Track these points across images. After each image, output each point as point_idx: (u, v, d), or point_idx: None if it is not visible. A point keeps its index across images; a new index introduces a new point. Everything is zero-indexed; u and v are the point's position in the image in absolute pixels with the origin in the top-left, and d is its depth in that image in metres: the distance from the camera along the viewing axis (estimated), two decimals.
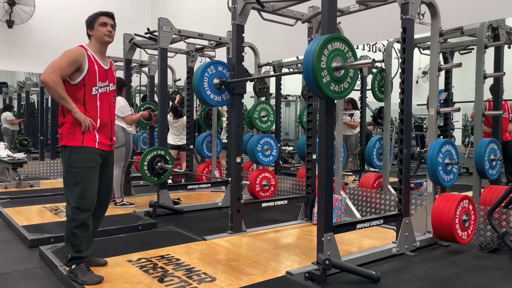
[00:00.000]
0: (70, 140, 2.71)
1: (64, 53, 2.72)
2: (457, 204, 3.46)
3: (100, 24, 2.88)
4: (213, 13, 7.86)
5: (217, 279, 2.73)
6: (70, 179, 2.72)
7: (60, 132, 2.76)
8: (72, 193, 2.70)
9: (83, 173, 2.71)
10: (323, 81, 2.71)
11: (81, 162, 2.71)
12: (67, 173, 2.73)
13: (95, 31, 2.88)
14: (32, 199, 5.45)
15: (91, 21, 2.91)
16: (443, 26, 3.78)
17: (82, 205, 2.70)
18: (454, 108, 4.03)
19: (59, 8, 9.06)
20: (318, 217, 2.96)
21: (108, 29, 2.88)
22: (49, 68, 2.64)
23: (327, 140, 2.90)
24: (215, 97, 3.88)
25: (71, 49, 2.76)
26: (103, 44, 2.90)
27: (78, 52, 2.75)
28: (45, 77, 2.62)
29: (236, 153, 3.88)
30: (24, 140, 9.26)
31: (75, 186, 2.70)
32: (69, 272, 2.72)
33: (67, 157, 2.72)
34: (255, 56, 6.03)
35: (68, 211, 2.72)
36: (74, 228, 2.70)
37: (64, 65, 2.67)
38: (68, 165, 2.71)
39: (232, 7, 3.85)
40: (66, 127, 2.72)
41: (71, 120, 2.70)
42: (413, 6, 3.44)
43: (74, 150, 2.70)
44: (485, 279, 2.95)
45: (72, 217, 2.69)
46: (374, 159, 5.21)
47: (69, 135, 2.71)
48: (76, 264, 2.71)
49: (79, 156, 2.71)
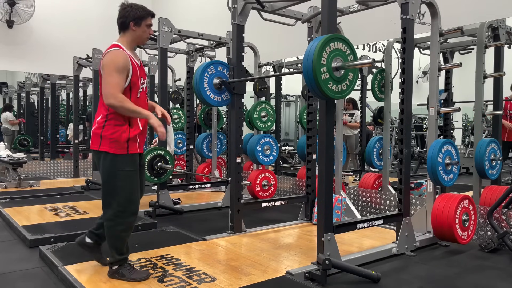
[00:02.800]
0: (114, 148, 2.60)
1: (108, 66, 2.54)
2: (457, 204, 3.46)
3: (147, 25, 2.72)
4: (213, 13, 7.86)
5: (217, 279, 2.73)
6: (115, 183, 2.62)
7: (99, 134, 2.63)
8: (116, 197, 2.63)
9: (130, 177, 2.65)
10: (323, 81, 2.71)
11: (127, 166, 2.63)
12: (111, 177, 2.62)
13: (140, 29, 2.69)
14: (32, 199, 5.45)
15: (140, 17, 2.68)
16: (443, 26, 3.78)
17: (130, 209, 2.67)
18: (454, 108, 4.03)
19: (59, 8, 9.06)
20: (318, 217, 2.96)
21: (151, 32, 2.77)
22: (109, 89, 2.52)
23: (327, 140, 2.90)
24: (215, 97, 3.88)
25: (115, 56, 2.57)
26: (138, 43, 2.77)
27: (123, 57, 2.58)
28: (110, 100, 2.51)
29: (236, 153, 3.88)
30: (24, 140, 9.27)
31: (121, 190, 2.62)
32: (113, 273, 2.70)
33: (110, 162, 2.61)
34: (255, 56, 6.03)
35: (110, 215, 2.65)
36: (121, 232, 2.67)
37: (119, 79, 2.54)
38: (113, 169, 2.61)
39: (232, 7, 3.85)
40: (109, 132, 2.60)
41: (117, 127, 2.60)
42: (413, 6, 3.44)
43: (118, 155, 2.61)
44: (485, 279, 2.95)
45: (118, 221, 2.65)
46: (374, 159, 5.21)
47: (114, 143, 2.59)
48: (119, 265, 2.70)
49: (125, 160, 2.63)
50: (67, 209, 4.88)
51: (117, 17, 2.72)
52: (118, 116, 2.61)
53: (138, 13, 2.67)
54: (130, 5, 2.69)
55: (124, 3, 2.73)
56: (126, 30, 2.69)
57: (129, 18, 2.66)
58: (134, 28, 2.68)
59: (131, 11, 2.66)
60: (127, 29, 2.68)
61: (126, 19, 2.66)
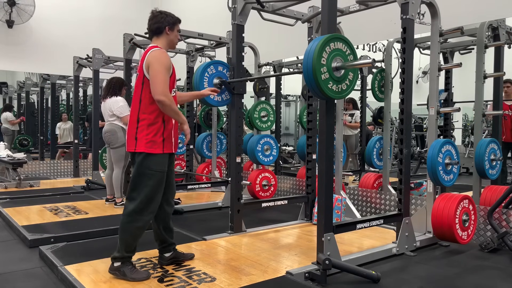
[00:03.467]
0: (151, 148, 2.71)
1: (158, 63, 2.67)
2: (457, 204, 3.46)
3: (178, 30, 2.92)
4: (213, 13, 7.86)
5: (217, 279, 2.73)
6: (142, 181, 2.71)
7: (134, 136, 2.73)
8: (141, 194, 2.70)
9: (158, 177, 2.74)
10: (323, 81, 2.71)
11: (157, 166, 2.73)
12: (141, 175, 2.71)
13: (173, 34, 2.88)
14: (32, 199, 5.45)
15: (174, 23, 2.88)
16: (443, 26, 3.78)
17: (149, 208, 2.73)
18: (454, 108, 4.03)
19: (59, 8, 9.06)
20: (318, 217, 2.96)
21: (179, 37, 2.95)
22: (160, 86, 2.63)
23: (327, 140, 2.90)
24: (215, 97, 3.88)
25: (161, 55, 2.71)
26: (171, 47, 2.93)
27: (168, 57, 2.75)
28: (161, 97, 2.62)
29: (236, 153, 3.88)
30: (24, 140, 9.27)
31: (146, 188, 2.70)
32: (115, 269, 2.72)
33: (142, 160, 2.71)
34: (255, 56, 6.03)
35: (130, 210, 2.71)
36: (136, 229, 2.72)
37: (167, 78, 2.69)
38: (144, 167, 2.70)
39: (232, 7, 3.85)
40: (144, 133, 2.70)
41: (151, 127, 2.71)
42: (413, 6, 3.44)
43: (153, 155, 2.72)
44: (485, 279, 2.95)
45: (136, 218, 2.70)
46: (374, 159, 5.21)
47: (150, 143, 2.70)
48: (122, 262, 2.72)
49: (157, 160, 2.73)
50: (67, 209, 4.88)
51: (149, 24, 2.88)
52: (152, 117, 2.71)
53: (171, 19, 2.87)
54: (161, 12, 2.88)
55: (154, 10, 2.91)
56: (160, 35, 2.86)
57: (164, 23, 2.84)
58: (168, 33, 2.86)
59: (166, 17, 2.85)
60: (161, 34, 2.85)
61: (161, 24, 2.84)
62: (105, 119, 5.11)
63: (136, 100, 2.78)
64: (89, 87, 10.27)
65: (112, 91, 5.06)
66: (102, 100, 5.16)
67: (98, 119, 6.67)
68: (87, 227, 4.00)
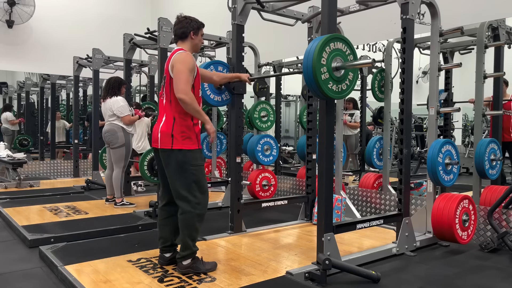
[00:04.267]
0: (187, 144, 2.79)
1: (182, 63, 2.76)
2: (457, 204, 3.46)
3: (202, 34, 3.02)
4: (213, 13, 7.86)
5: (217, 279, 2.73)
6: (189, 177, 2.79)
7: (169, 134, 2.78)
8: (192, 190, 2.79)
9: (201, 170, 2.85)
10: (323, 81, 2.71)
11: (198, 160, 2.84)
12: (186, 171, 2.78)
13: (197, 38, 2.97)
14: (32, 199, 5.45)
15: (198, 27, 2.98)
16: (443, 26, 3.78)
17: (204, 200, 2.86)
18: (454, 108, 4.03)
19: (59, 8, 9.07)
20: (318, 217, 2.96)
21: (203, 41, 3.07)
22: (182, 85, 2.73)
23: (327, 140, 2.90)
24: (215, 97, 3.88)
25: (185, 56, 2.80)
26: (195, 51, 3.02)
27: (193, 59, 2.83)
28: (182, 95, 2.72)
29: (236, 153, 3.88)
30: (24, 140, 9.26)
31: (195, 184, 2.80)
32: (187, 267, 2.79)
33: (183, 157, 2.77)
34: (255, 56, 6.03)
35: (187, 208, 2.78)
36: (197, 222, 2.82)
37: (190, 77, 2.78)
38: (186, 164, 2.78)
39: (232, 7, 3.85)
40: (180, 130, 2.78)
41: (186, 125, 2.80)
42: (413, 6, 3.44)
43: (190, 152, 2.80)
44: (485, 279, 2.95)
45: (196, 213, 2.80)
46: (374, 159, 5.21)
47: (186, 139, 2.79)
48: (192, 258, 2.82)
49: (196, 155, 2.83)
50: (67, 209, 4.88)
51: (175, 28, 2.99)
52: (185, 116, 2.80)
53: (196, 24, 2.97)
54: (186, 17, 2.98)
55: (179, 15, 3.01)
56: (185, 39, 2.95)
57: (189, 28, 2.94)
58: (193, 37, 2.96)
59: (191, 22, 2.95)
60: (186, 38, 2.95)
61: (186, 29, 2.93)
62: (105, 119, 5.11)
63: (167, 101, 2.85)
64: (89, 87, 10.26)
65: (112, 91, 5.06)
66: (102, 100, 5.16)
67: (98, 119, 6.67)
68: (87, 227, 4.00)
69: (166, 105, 2.87)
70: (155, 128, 2.89)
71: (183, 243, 2.82)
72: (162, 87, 2.96)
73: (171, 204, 2.94)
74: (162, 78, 2.94)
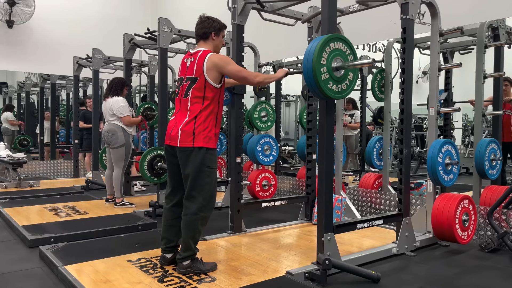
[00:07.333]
0: (207, 143, 2.80)
1: (228, 63, 2.87)
2: (457, 204, 3.46)
3: (224, 35, 3.06)
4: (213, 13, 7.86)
5: (217, 279, 2.73)
6: (203, 178, 2.79)
7: (191, 132, 2.77)
8: (202, 192, 2.79)
9: (214, 173, 2.85)
10: (323, 81, 2.71)
11: (213, 163, 2.84)
12: (201, 172, 2.78)
13: (219, 39, 3.01)
14: (32, 199, 5.45)
15: (219, 29, 3.01)
16: (443, 26, 3.78)
17: (211, 204, 2.86)
18: (454, 108, 4.03)
19: (59, 8, 9.07)
20: (318, 217, 2.96)
21: (224, 42, 3.10)
22: (245, 73, 2.94)
23: (327, 140, 2.90)
24: None
25: (222, 56, 2.91)
26: (215, 51, 3.00)
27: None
28: (256, 80, 2.98)
29: (236, 153, 3.88)
30: (24, 140, 9.26)
31: (207, 186, 2.80)
32: (187, 267, 2.80)
33: (202, 157, 2.77)
34: (255, 56, 6.03)
35: (194, 209, 2.79)
36: (201, 225, 2.83)
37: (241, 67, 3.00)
38: (203, 165, 2.78)
39: (232, 7, 3.85)
40: (201, 128, 2.79)
41: (208, 123, 2.82)
42: (413, 6, 3.44)
43: (209, 151, 2.81)
44: (485, 279, 2.95)
45: (201, 215, 2.81)
46: (374, 159, 5.21)
47: (207, 138, 2.80)
48: (192, 259, 2.82)
49: (212, 157, 2.83)
50: (67, 209, 4.88)
51: (196, 28, 3.01)
52: (205, 115, 2.82)
53: (218, 25, 3.00)
54: (209, 17, 3.02)
55: (202, 16, 3.05)
56: (206, 39, 2.98)
57: (211, 29, 2.97)
58: (214, 38, 2.98)
59: (212, 23, 2.98)
60: (207, 39, 2.98)
61: (208, 30, 2.96)
62: (105, 118, 5.11)
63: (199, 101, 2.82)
64: (89, 87, 10.26)
65: (114, 91, 5.07)
66: (104, 99, 5.17)
67: (98, 119, 6.67)
68: (87, 227, 4.00)
69: (185, 102, 2.85)
70: (174, 127, 2.85)
71: (185, 244, 2.82)
72: (183, 86, 2.89)
73: (180, 205, 2.92)
74: (186, 78, 2.87)
